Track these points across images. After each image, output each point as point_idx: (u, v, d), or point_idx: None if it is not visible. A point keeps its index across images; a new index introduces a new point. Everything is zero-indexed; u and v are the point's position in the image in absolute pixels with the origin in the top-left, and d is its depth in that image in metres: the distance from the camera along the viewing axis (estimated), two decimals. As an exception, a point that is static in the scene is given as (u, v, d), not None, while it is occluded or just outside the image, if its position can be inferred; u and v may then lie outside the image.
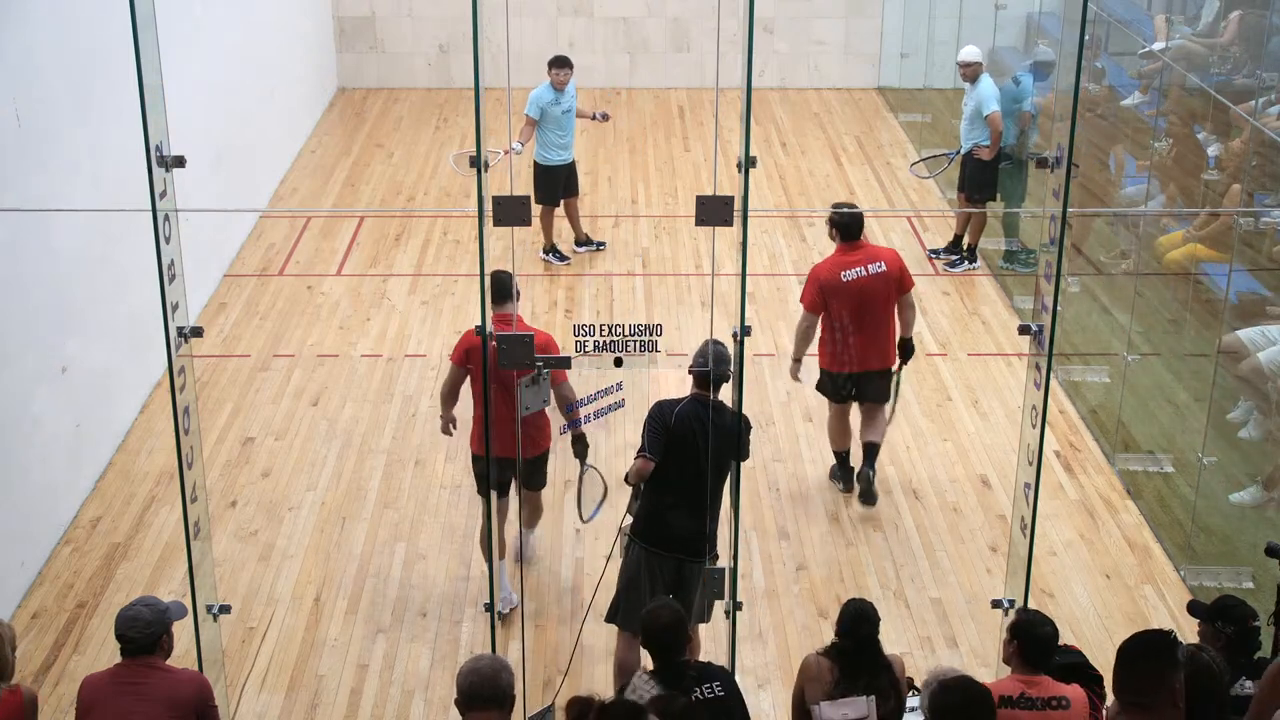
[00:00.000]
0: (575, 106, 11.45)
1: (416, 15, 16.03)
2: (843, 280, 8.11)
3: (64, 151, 8.22)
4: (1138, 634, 4.62)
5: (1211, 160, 10.44)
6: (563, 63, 11.23)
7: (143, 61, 5.26)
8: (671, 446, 6.38)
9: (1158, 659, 4.43)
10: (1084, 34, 5.30)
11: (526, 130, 11.16)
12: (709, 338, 6.39)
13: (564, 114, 11.26)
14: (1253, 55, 11.29)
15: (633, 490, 6.63)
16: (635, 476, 6.51)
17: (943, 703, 4.69)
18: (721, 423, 6.32)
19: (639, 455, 6.45)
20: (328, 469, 8.77)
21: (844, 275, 8.12)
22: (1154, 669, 4.41)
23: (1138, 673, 4.45)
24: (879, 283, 8.13)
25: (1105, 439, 9.11)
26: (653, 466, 6.42)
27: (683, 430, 6.35)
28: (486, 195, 5.30)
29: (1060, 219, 5.51)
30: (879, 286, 8.14)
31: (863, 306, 8.15)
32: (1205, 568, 7.82)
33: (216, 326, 10.48)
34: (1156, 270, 10.45)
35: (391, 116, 15.36)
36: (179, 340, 5.69)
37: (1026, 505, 5.89)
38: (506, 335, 5.64)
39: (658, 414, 6.45)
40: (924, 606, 7.55)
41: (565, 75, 11.18)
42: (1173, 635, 4.54)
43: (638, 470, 6.46)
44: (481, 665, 4.68)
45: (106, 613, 7.34)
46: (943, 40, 14.37)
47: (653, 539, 6.50)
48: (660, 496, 6.47)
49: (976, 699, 4.68)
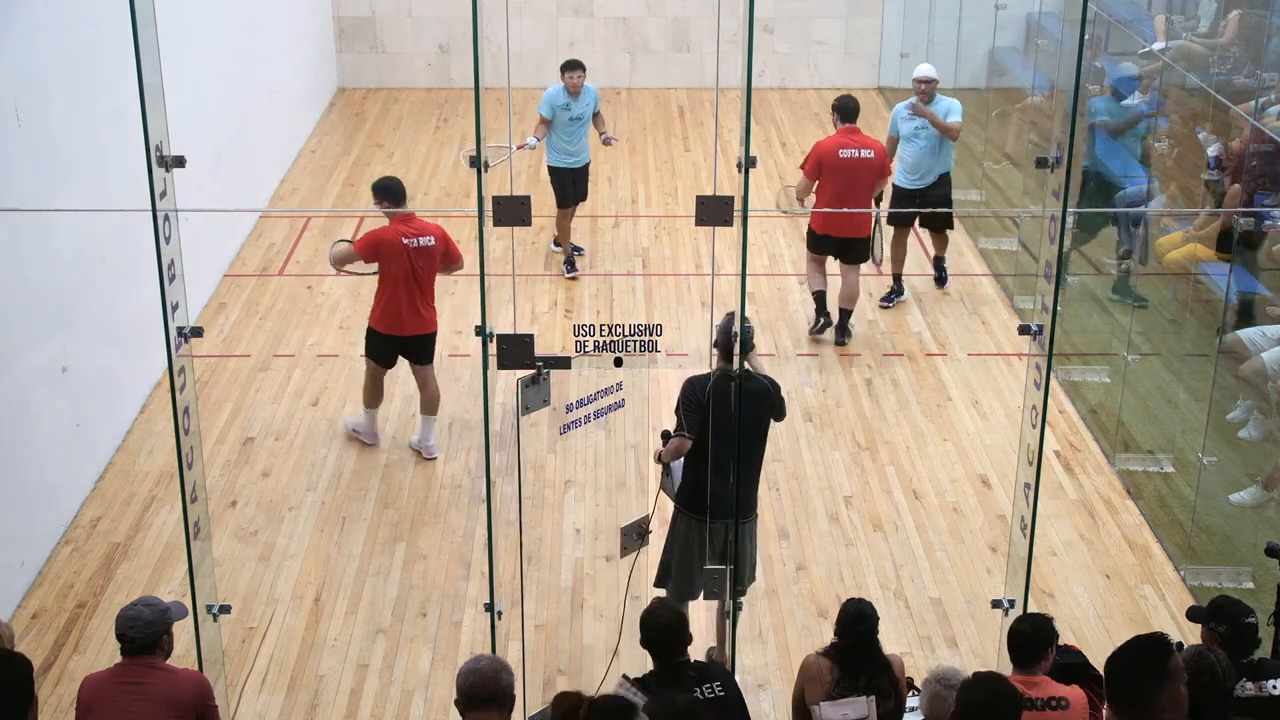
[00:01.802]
0: (589, 115, 11.15)
1: (416, 15, 16.03)
2: (840, 157, 9.91)
3: (64, 151, 8.21)
4: (1129, 641, 4.55)
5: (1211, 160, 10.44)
6: (573, 66, 11.00)
7: (143, 61, 5.26)
8: (708, 419, 6.40)
9: (1147, 668, 4.38)
10: (1084, 34, 5.30)
11: (540, 128, 11.02)
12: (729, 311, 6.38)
13: (572, 120, 11.01)
14: (1253, 55, 11.29)
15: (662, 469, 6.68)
16: (672, 455, 6.53)
17: (970, 699, 4.65)
18: (753, 388, 6.37)
19: (676, 434, 6.47)
20: (328, 469, 8.77)
21: (841, 153, 9.91)
22: (1143, 678, 4.37)
23: (1127, 682, 4.41)
24: (865, 166, 9.94)
25: (1105, 439, 9.11)
26: (690, 445, 6.44)
27: (717, 402, 6.37)
28: (486, 195, 5.29)
29: (1060, 219, 5.51)
30: (864, 169, 9.94)
31: (849, 182, 9.91)
32: (1205, 568, 7.82)
33: (216, 326, 10.48)
34: (1156, 270, 10.45)
35: (391, 116, 15.36)
36: (179, 340, 5.69)
37: (1026, 505, 5.89)
38: (507, 335, 5.64)
39: (690, 391, 6.46)
40: (924, 606, 7.55)
41: (577, 79, 10.92)
42: (1165, 640, 4.48)
43: (676, 449, 6.49)
44: (481, 665, 4.68)
45: (106, 613, 7.34)
46: (943, 40, 14.37)
47: (702, 509, 6.55)
48: (704, 468, 6.48)
49: (1005, 696, 4.64)
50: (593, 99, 11.13)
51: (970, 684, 4.69)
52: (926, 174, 10.71)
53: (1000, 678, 4.78)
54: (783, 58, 16.30)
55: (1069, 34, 5.47)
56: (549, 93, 10.95)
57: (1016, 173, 12.80)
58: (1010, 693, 4.67)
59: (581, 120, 11.08)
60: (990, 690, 4.66)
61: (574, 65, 11.00)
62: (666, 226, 12.48)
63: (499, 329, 5.66)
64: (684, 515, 6.68)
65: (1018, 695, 4.70)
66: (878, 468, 8.79)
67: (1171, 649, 4.45)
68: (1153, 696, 4.33)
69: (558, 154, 11.13)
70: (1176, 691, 4.38)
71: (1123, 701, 4.41)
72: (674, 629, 5.32)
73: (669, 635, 5.31)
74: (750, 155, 5.29)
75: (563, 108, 10.92)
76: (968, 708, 4.64)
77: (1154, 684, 4.34)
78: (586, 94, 11.04)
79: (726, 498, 6.44)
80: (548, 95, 10.94)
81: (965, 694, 4.68)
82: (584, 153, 11.29)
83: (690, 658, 5.44)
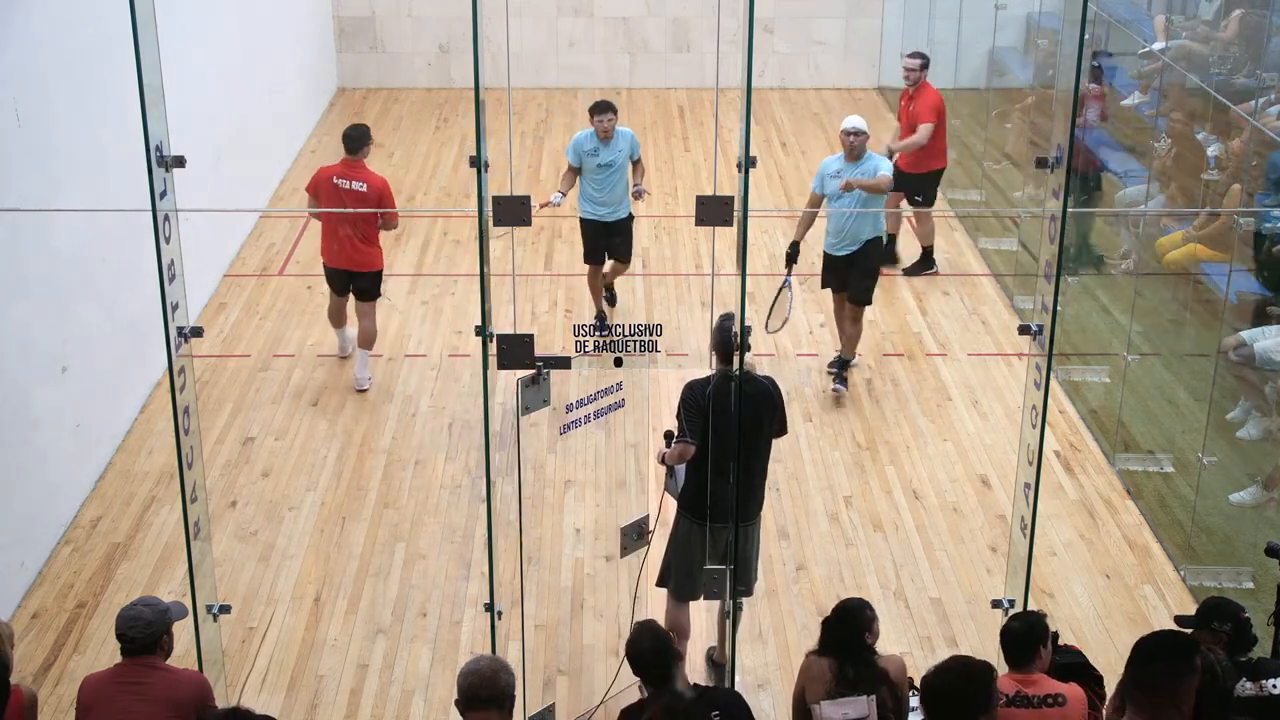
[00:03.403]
0: (623, 162, 9.96)
1: (416, 15, 16.03)
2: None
3: (64, 151, 8.22)
4: (1157, 632, 4.58)
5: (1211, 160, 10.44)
6: (602, 108, 9.82)
7: (143, 61, 5.26)
8: (709, 423, 6.39)
9: (1173, 662, 4.41)
10: (1084, 34, 5.30)
11: (567, 178, 10.02)
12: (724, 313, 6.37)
13: (601, 167, 9.86)
14: (1253, 55, 11.29)
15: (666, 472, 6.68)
16: (675, 459, 6.52)
17: (938, 684, 4.63)
18: (754, 391, 6.36)
19: (679, 440, 6.44)
20: (328, 469, 8.77)
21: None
22: (1168, 670, 4.39)
23: (1151, 673, 4.43)
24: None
25: (1105, 439, 9.11)
26: (693, 450, 6.42)
27: (717, 405, 6.35)
28: (486, 195, 5.30)
29: (1060, 219, 5.51)
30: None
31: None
32: (1205, 568, 7.82)
33: (216, 326, 10.48)
34: (1156, 270, 10.45)
35: (391, 116, 15.36)
36: (179, 340, 5.69)
37: (1026, 505, 5.89)
38: (507, 335, 5.65)
39: (690, 396, 6.43)
40: (924, 606, 7.55)
41: (607, 122, 9.76)
42: (1194, 639, 4.53)
43: (679, 454, 6.46)
44: (481, 666, 4.69)
45: (106, 613, 7.34)
46: (943, 40, 14.37)
47: (703, 512, 6.53)
48: (706, 471, 6.47)
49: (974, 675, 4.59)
50: (629, 145, 9.97)
51: (935, 671, 4.63)
52: (855, 239, 9.41)
53: (970, 660, 4.74)
54: (783, 58, 16.31)
55: (1069, 34, 5.47)
56: (576, 138, 9.98)
57: (1016, 173, 12.80)
58: (981, 670, 4.60)
59: (613, 168, 9.89)
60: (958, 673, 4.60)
61: (603, 107, 9.87)
62: (666, 226, 12.48)
63: (499, 329, 5.66)
64: (685, 518, 6.68)
65: (988, 670, 4.63)
66: (878, 468, 8.80)
67: (1199, 648, 4.48)
68: (1174, 688, 4.36)
69: (587, 203, 10.02)
70: (1191, 690, 4.42)
71: (1140, 690, 4.41)
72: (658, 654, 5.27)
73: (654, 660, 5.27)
74: (750, 155, 5.29)
75: (590, 153, 9.82)
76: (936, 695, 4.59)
77: (1178, 676, 4.37)
78: (620, 139, 9.90)
79: (728, 500, 6.44)
80: (574, 141, 9.97)
81: (931, 682, 4.63)
82: (619, 205, 10.04)
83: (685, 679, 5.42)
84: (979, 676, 4.64)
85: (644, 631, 5.42)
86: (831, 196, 9.37)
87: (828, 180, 9.40)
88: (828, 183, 9.40)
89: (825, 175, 9.43)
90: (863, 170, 9.25)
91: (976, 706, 4.59)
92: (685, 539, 6.67)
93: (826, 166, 9.48)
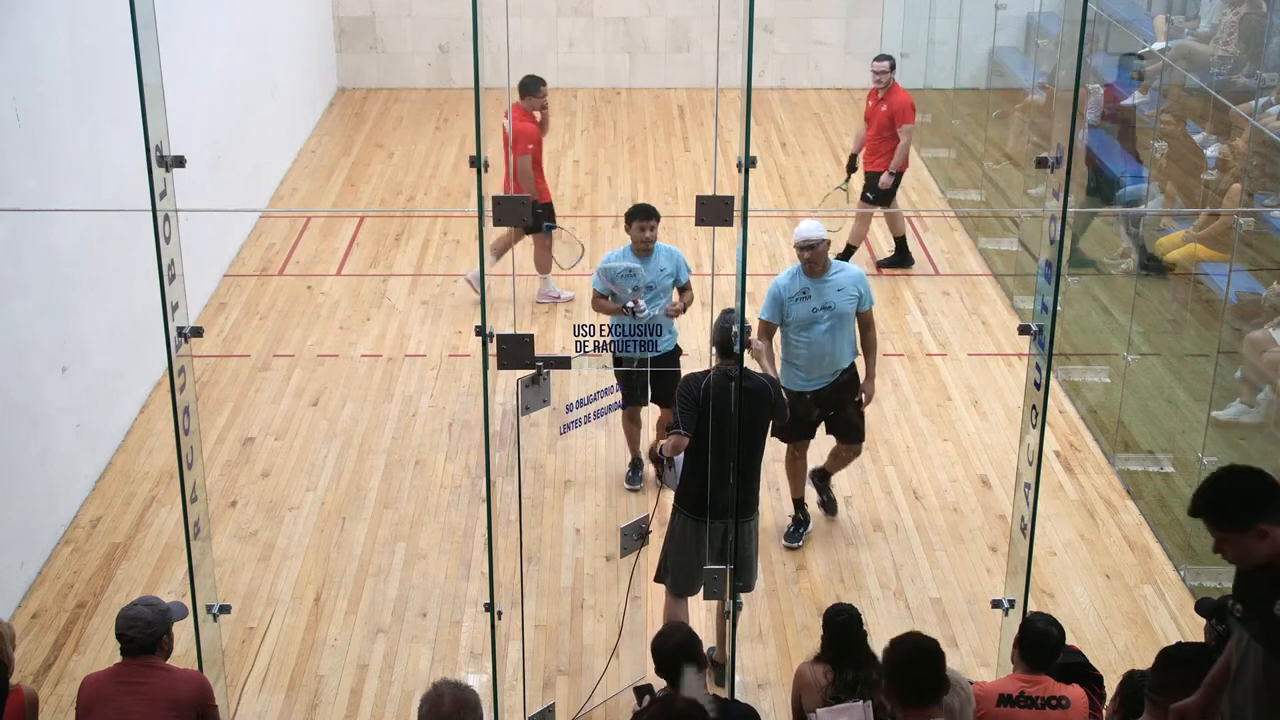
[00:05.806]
0: (666, 285, 7.91)
1: (416, 15, 16.03)
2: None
3: (64, 151, 8.22)
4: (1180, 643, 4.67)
5: (1211, 160, 10.44)
6: (645, 213, 7.86)
7: (143, 61, 5.26)
8: (705, 417, 6.38)
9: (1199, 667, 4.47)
10: (1084, 34, 5.30)
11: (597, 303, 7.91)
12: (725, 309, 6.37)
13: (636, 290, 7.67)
14: (1253, 55, 11.29)
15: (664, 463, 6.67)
16: (671, 451, 6.51)
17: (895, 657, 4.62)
18: (751, 386, 6.37)
19: (673, 432, 6.45)
20: (328, 469, 8.77)
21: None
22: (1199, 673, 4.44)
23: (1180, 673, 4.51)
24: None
25: (1105, 439, 9.11)
26: (688, 441, 6.43)
27: (714, 400, 6.35)
28: (486, 195, 5.29)
29: (1060, 219, 5.51)
30: None
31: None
32: (1205, 568, 7.82)
33: (216, 326, 10.48)
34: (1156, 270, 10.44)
35: (391, 116, 15.36)
36: (179, 340, 5.69)
37: (1026, 505, 5.89)
38: (507, 335, 5.64)
39: (686, 389, 6.45)
40: (924, 606, 7.55)
41: (649, 233, 7.81)
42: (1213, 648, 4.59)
43: (674, 445, 6.47)
44: (443, 711, 4.35)
45: (106, 613, 7.34)
46: (943, 40, 14.38)
47: (699, 509, 6.53)
48: (703, 467, 6.47)
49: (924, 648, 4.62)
50: (675, 265, 7.97)
51: (892, 645, 4.65)
52: (827, 370, 7.70)
53: (917, 634, 4.75)
54: (783, 58, 16.31)
55: (1069, 33, 5.47)
56: (608, 256, 8.21)
57: (1016, 173, 12.80)
58: (929, 645, 4.63)
59: (654, 290, 7.80)
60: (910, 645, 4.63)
61: (645, 212, 7.88)
62: (666, 226, 12.44)
63: (499, 329, 5.66)
64: (682, 513, 6.69)
65: (937, 645, 4.66)
66: (878, 468, 8.80)
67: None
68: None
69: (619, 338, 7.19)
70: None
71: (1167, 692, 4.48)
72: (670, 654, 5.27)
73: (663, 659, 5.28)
74: (750, 155, 5.29)
75: (624, 275, 7.69)
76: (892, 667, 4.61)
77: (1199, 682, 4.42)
78: (660, 255, 7.95)
79: (725, 497, 6.44)
80: (606, 260, 8.13)
81: (888, 654, 4.64)
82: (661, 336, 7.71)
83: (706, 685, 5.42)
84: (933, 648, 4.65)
85: (672, 630, 5.47)
86: (798, 323, 7.55)
87: (792, 304, 7.52)
88: (792, 306, 7.52)
89: (784, 299, 7.54)
90: (836, 285, 7.55)
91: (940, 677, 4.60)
92: (681, 535, 6.68)
93: (784, 290, 7.54)
